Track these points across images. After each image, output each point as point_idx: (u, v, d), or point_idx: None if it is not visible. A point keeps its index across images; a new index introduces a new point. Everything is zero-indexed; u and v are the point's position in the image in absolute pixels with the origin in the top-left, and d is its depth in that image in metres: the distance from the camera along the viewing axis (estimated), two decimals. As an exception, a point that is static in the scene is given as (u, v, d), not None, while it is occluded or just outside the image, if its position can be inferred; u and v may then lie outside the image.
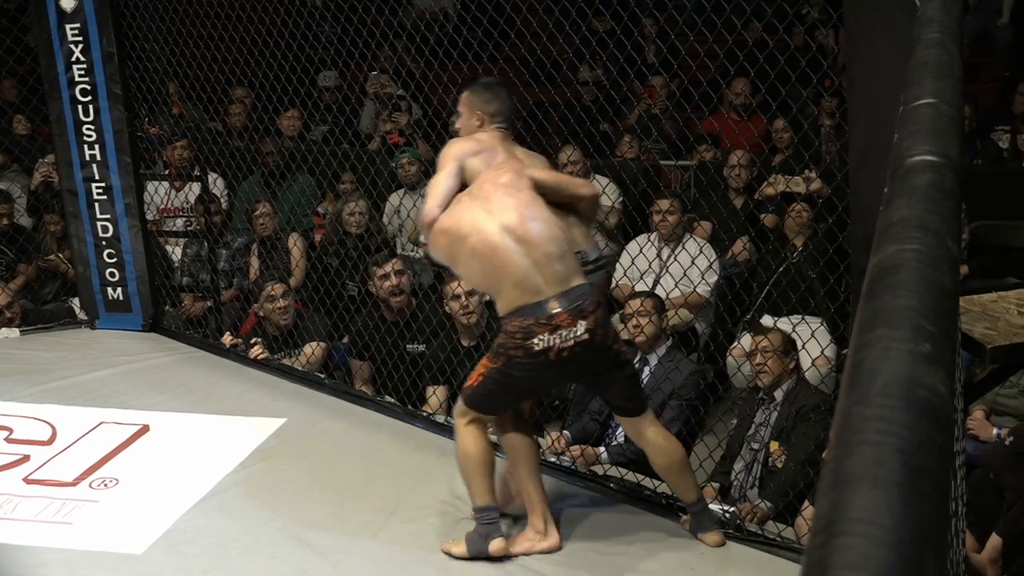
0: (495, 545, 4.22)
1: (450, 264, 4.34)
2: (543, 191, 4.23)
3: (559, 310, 3.99)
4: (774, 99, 5.24)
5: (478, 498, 4.27)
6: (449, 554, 4.30)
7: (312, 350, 6.49)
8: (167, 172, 8.00)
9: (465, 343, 5.95)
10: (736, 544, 4.38)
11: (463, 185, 4.30)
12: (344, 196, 7.63)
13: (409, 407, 5.80)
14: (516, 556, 4.27)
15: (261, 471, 5.07)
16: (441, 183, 4.30)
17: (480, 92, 4.58)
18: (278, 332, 6.54)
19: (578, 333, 4.01)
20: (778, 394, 5.12)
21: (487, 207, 4.11)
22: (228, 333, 7.01)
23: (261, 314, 6.68)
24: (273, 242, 7.49)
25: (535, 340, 4.00)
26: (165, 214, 8.03)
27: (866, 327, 1.17)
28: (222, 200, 8.14)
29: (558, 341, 4.00)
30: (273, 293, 6.50)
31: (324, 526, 4.54)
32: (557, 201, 4.28)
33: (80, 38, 6.92)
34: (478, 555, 4.24)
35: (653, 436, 4.36)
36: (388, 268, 6.30)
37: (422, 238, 4.55)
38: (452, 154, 4.39)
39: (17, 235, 7.96)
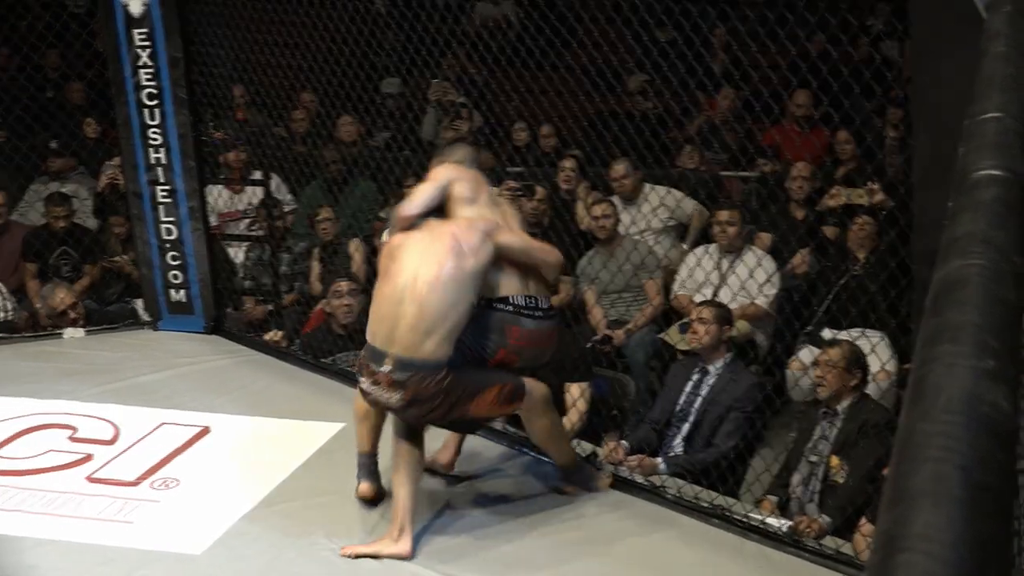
0: (361, 489, 4.66)
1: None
2: (508, 254, 4.50)
3: (385, 370, 4.27)
4: (837, 111, 5.22)
5: (359, 446, 4.73)
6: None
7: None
8: (224, 176, 8.07)
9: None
10: (794, 558, 4.35)
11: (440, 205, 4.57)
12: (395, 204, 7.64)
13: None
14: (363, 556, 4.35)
15: (320, 474, 5.10)
16: (427, 190, 4.58)
17: (443, 150, 5.04)
18: (342, 330, 6.56)
19: (391, 400, 4.32)
20: (840, 408, 5.07)
21: (423, 248, 4.37)
22: (274, 331, 7.10)
23: (328, 310, 6.71)
24: (334, 247, 7.53)
25: (361, 379, 4.42)
26: (227, 218, 8.09)
27: (929, 342, 1.17)
28: (284, 205, 8.19)
29: (373, 394, 4.35)
30: (339, 289, 6.53)
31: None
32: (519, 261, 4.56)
33: (147, 43, 6.99)
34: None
35: None
36: None
37: (385, 235, 4.67)
38: (442, 173, 4.66)
39: (83, 237, 8.06)
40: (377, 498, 4.61)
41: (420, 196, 4.56)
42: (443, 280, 4.29)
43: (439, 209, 4.58)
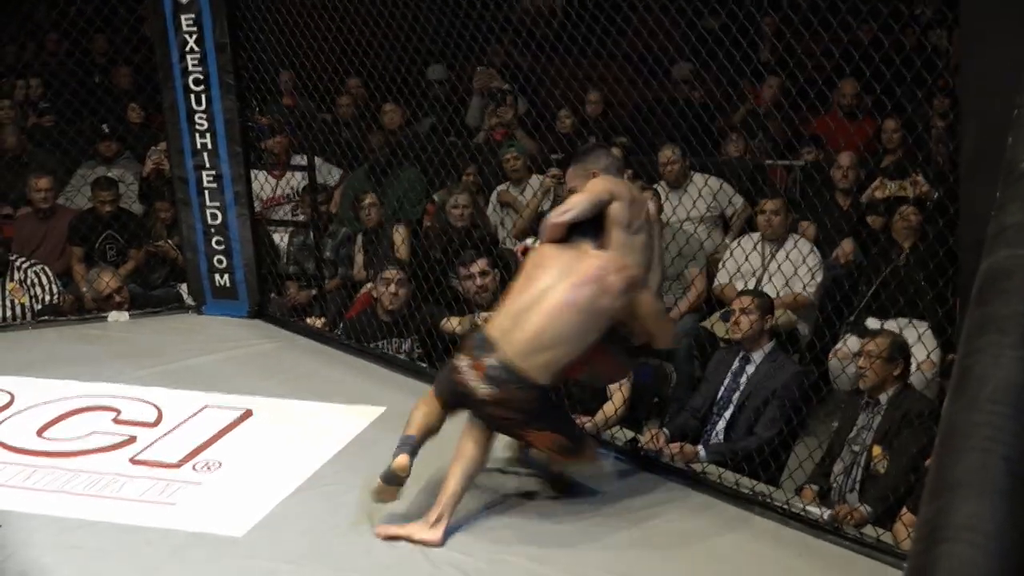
0: (398, 461, 4.29)
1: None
2: (638, 310, 4.43)
3: (488, 362, 4.24)
4: (887, 100, 5.18)
5: (407, 428, 4.42)
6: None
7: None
8: (269, 162, 8.11)
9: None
10: (833, 546, 4.33)
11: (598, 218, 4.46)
12: (448, 188, 7.66)
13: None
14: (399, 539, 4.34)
15: (361, 459, 5.11)
16: (583, 202, 4.46)
17: (584, 156, 4.79)
18: (387, 316, 6.58)
19: (478, 390, 4.25)
20: (883, 398, 5.05)
21: (568, 268, 4.33)
22: (315, 316, 7.15)
23: (374, 295, 6.73)
24: (378, 233, 7.55)
25: (460, 358, 4.35)
26: (270, 204, 8.13)
27: (976, 332, 1.15)
28: (335, 190, 8.22)
29: (464, 377, 4.28)
30: (388, 277, 6.56)
31: (422, 516, 4.56)
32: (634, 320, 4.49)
33: (194, 28, 7.02)
34: (385, 475, 4.30)
35: None
36: (474, 268, 6.34)
37: (529, 241, 4.61)
38: (600, 186, 4.53)
39: (128, 221, 8.11)
40: (406, 476, 4.51)
41: (575, 205, 4.46)
42: (576, 307, 4.28)
43: (594, 221, 4.50)
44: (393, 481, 4.29)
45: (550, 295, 4.29)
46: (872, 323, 6.10)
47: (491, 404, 4.27)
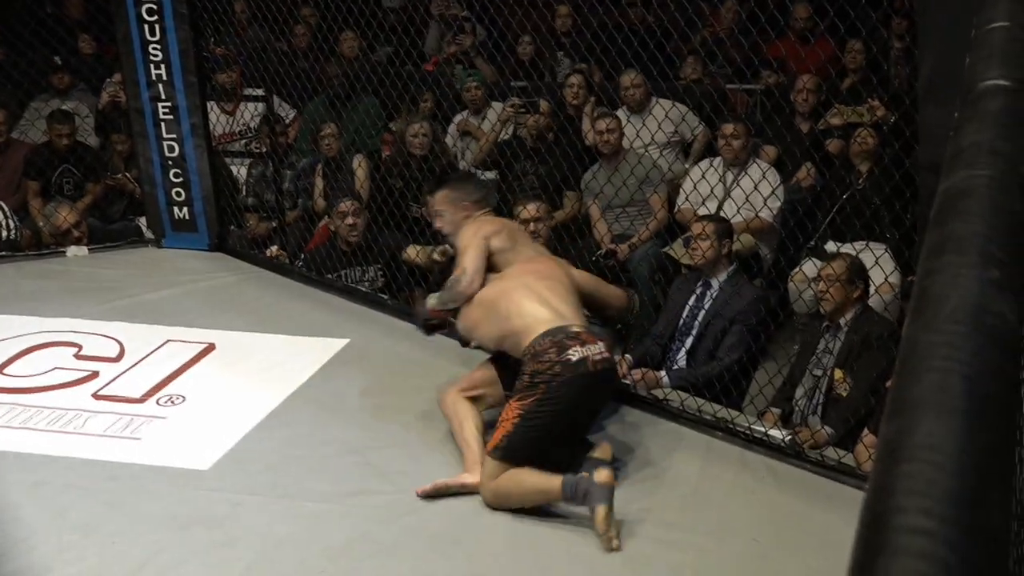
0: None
1: (470, 329, 4.64)
2: (580, 290, 4.63)
3: (581, 330, 4.25)
4: (843, 22, 5.17)
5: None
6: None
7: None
8: (222, 96, 8.03)
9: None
10: (796, 469, 4.38)
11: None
12: (406, 117, 7.61)
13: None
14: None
15: (324, 391, 5.12)
16: (474, 258, 4.65)
17: (458, 185, 4.95)
18: (347, 247, 6.56)
19: (601, 350, 4.22)
20: (843, 321, 5.08)
21: (532, 295, 4.41)
22: (275, 247, 7.12)
23: (332, 229, 6.71)
24: (338, 163, 7.51)
25: (570, 351, 4.14)
26: (224, 141, 8.06)
27: (934, 253, 1.16)
28: (286, 120, 8.16)
29: (590, 352, 4.16)
30: (344, 210, 6.53)
31: (386, 445, 4.59)
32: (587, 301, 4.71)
33: (146, -43, 6.93)
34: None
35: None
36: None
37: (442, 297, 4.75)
38: (472, 232, 4.74)
39: (85, 154, 8.03)
40: None
41: (471, 266, 4.63)
42: (556, 271, 4.62)
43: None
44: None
45: (542, 278, 4.50)
46: (831, 247, 6.12)
47: (611, 353, 4.37)
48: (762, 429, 4.62)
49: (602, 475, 3.89)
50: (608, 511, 3.83)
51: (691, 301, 5.67)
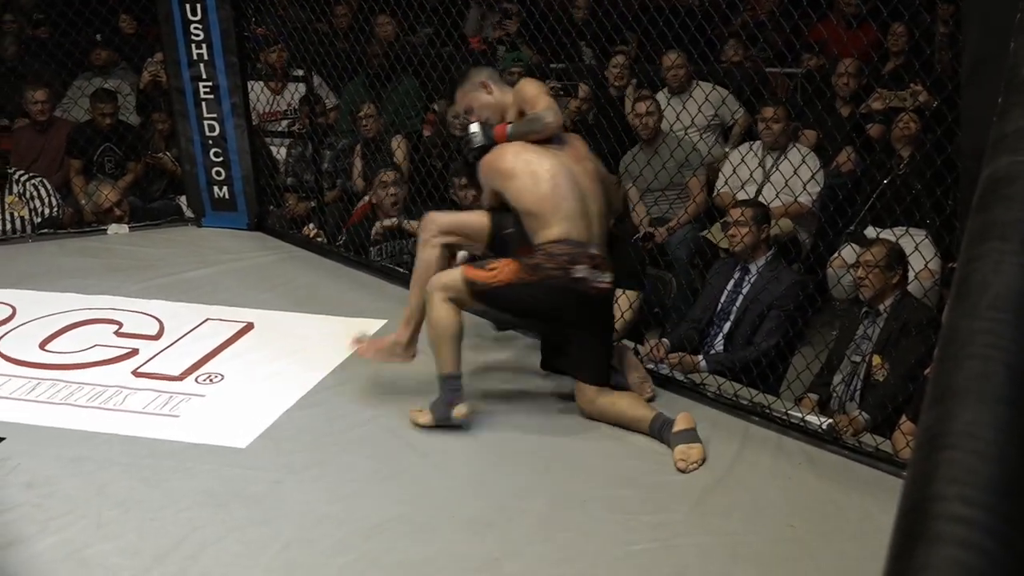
0: (458, 410, 4.48)
1: (498, 181, 4.59)
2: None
3: (599, 255, 4.45)
4: (887, 5, 5.13)
5: (444, 366, 4.49)
6: (415, 423, 4.56)
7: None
8: (267, 74, 8.05)
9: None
10: (833, 455, 4.36)
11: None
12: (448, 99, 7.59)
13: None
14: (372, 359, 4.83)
15: (361, 371, 5.13)
16: (554, 104, 4.66)
17: (464, 78, 4.91)
18: (388, 220, 6.58)
19: (606, 280, 4.48)
20: (882, 307, 5.06)
21: (561, 159, 4.57)
22: (312, 225, 7.15)
23: (374, 202, 6.73)
24: (377, 144, 7.52)
25: (578, 267, 4.39)
26: (267, 119, 8.09)
27: (976, 239, 1.15)
28: (326, 102, 8.17)
29: (594, 277, 4.42)
30: (385, 179, 6.56)
31: (425, 426, 4.60)
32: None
33: (189, -63, 6.95)
34: (441, 422, 4.50)
35: (602, 403, 4.60)
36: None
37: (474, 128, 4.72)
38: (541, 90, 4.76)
39: (126, 133, 8.07)
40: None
41: (555, 106, 4.67)
42: (596, 184, 4.64)
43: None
44: (450, 422, 4.52)
45: (583, 181, 4.57)
46: (871, 232, 6.09)
47: (607, 292, 4.56)
48: (799, 415, 4.60)
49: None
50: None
51: (729, 286, 5.66)
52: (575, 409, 4.67)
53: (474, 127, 4.70)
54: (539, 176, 4.47)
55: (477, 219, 4.75)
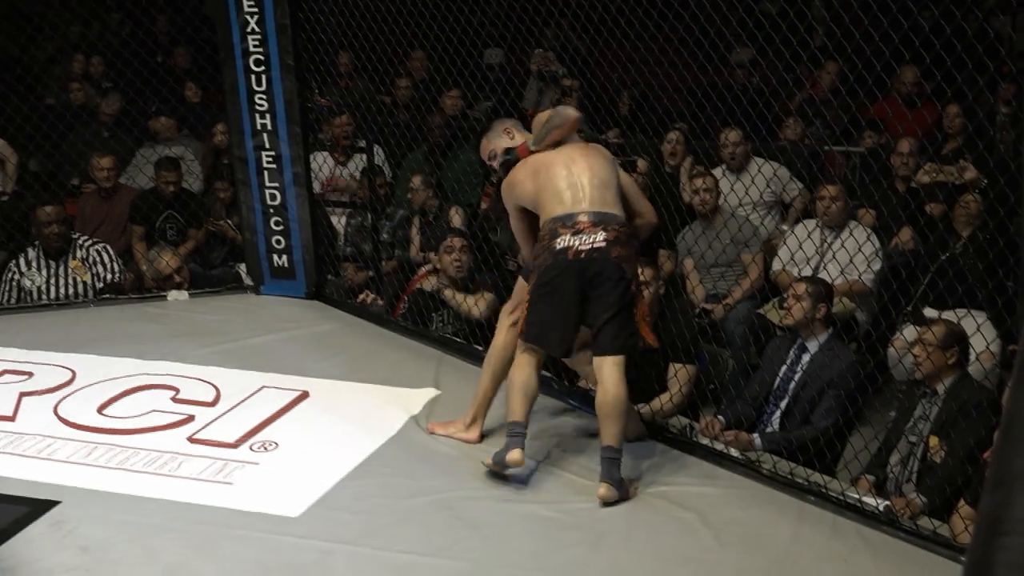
0: (511, 456, 4.60)
1: (508, 194, 4.91)
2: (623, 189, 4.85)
3: (583, 219, 4.57)
4: (948, 86, 5.12)
5: (511, 414, 4.70)
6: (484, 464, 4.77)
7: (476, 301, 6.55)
8: (331, 144, 8.14)
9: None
10: (889, 537, 4.31)
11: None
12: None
13: (565, 383, 5.79)
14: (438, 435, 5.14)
15: (415, 441, 5.14)
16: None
17: (489, 128, 5.15)
18: (450, 284, 6.61)
19: (596, 239, 4.55)
20: (940, 388, 5.01)
21: (564, 152, 4.79)
22: (366, 292, 7.21)
23: (438, 267, 6.76)
24: (436, 214, 7.57)
25: (557, 240, 4.57)
26: (329, 187, 8.17)
27: (1038, 324, 1.15)
28: (386, 172, 8.24)
29: (576, 243, 4.55)
30: (452, 244, 6.60)
31: (476, 497, 4.59)
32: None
33: (255, 9, 7.04)
34: (498, 463, 4.65)
35: (607, 377, 4.64)
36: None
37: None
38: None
39: (188, 201, 8.17)
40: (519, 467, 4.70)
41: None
42: (598, 157, 4.80)
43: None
44: (504, 470, 4.67)
45: (577, 159, 4.73)
46: (930, 313, 6.04)
47: (614, 245, 4.57)
48: (855, 495, 4.55)
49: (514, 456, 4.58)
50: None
51: (786, 363, 5.62)
52: (624, 478, 4.66)
53: (500, 157, 4.98)
54: (537, 172, 4.73)
55: (521, 282, 4.98)
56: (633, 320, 4.69)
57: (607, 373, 4.62)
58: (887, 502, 4.50)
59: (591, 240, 4.53)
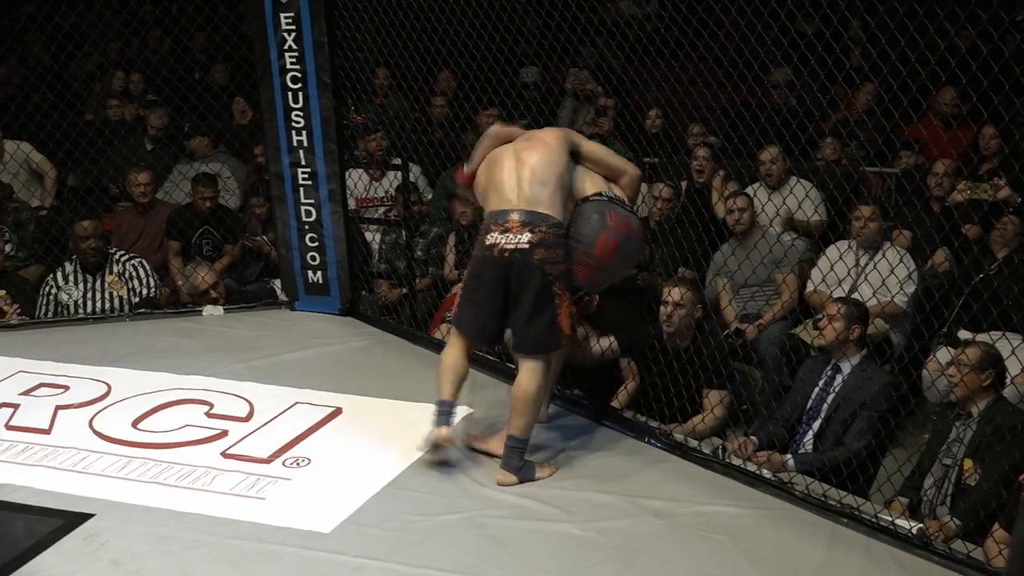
0: (439, 433, 4.92)
1: (479, 192, 5.19)
2: (590, 157, 5.11)
3: (514, 218, 4.79)
4: (986, 107, 5.10)
5: (440, 393, 4.98)
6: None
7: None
8: (366, 161, 8.17)
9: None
10: (922, 560, 4.28)
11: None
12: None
13: (597, 402, 5.79)
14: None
15: (447, 458, 5.15)
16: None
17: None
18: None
19: (520, 240, 4.75)
20: (975, 410, 4.98)
21: (516, 148, 5.04)
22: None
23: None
24: (470, 232, 7.59)
25: (488, 236, 4.83)
26: (365, 204, 8.20)
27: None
28: (421, 190, 8.27)
29: (503, 241, 4.77)
30: None
31: (506, 516, 4.60)
32: (600, 173, 5.13)
33: (293, 27, 7.08)
34: (427, 442, 5.01)
35: (520, 373, 4.94)
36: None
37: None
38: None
39: (224, 216, 8.22)
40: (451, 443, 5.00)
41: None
42: (540, 150, 4.96)
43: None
44: (440, 449, 4.95)
45: (521, 155, 4.96)
46: (964, 335, 6.01)
47: (537, 247, 4.74)
48: (889, 518, 4.53)
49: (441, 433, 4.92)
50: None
51: (820, 384, 5.61)
52: (655, 498, 4.71)
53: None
54: (491, 166, 5.05)
55: None
56: (554, 321, 4.85)
57: (521, 370, 4.95)
58: (920, 525, 4.48)
59: (516, 240, 4.75)
